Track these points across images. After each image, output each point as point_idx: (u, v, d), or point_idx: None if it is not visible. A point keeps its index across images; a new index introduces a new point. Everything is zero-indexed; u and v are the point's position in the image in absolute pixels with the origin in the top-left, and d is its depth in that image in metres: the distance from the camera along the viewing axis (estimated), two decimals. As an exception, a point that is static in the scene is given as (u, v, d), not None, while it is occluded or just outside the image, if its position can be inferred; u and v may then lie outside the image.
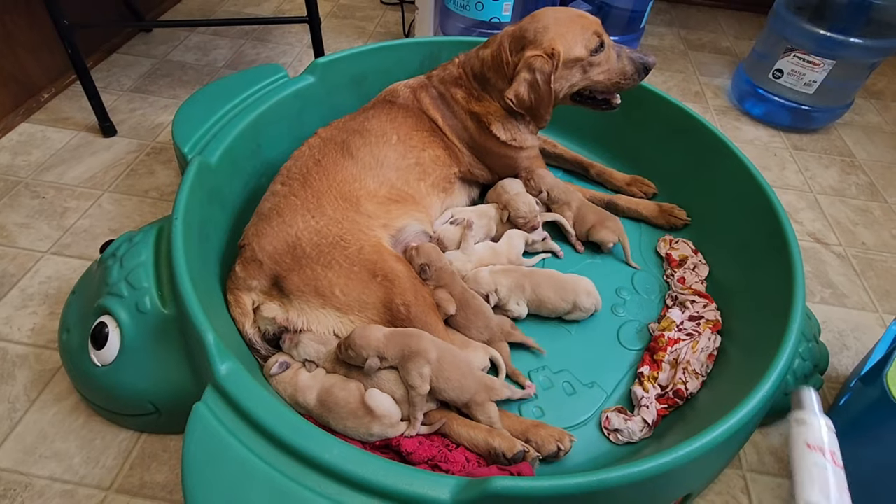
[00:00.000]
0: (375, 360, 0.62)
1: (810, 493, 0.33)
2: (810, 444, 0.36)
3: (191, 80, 1.35)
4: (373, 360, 0.62)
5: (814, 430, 0.37)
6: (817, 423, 0.38)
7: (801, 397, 0.42)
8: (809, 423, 0.38)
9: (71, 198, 1.01)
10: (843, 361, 0.87)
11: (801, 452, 0.36)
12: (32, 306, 0.83)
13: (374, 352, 0.62)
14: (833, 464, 0.35)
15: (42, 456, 0.67)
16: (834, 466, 0.35)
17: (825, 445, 0.36)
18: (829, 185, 1.23)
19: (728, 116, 1.42)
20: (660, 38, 1.74)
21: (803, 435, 0.37)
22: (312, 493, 0.47)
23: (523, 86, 0.78)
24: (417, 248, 0.76)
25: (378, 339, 0.62)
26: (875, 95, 1.56)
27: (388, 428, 0.60)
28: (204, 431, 0.50)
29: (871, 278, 1.01)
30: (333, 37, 1.59)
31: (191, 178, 0.72)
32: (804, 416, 0.39)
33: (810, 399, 0.42)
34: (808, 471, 0.34)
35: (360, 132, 0.82)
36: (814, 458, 0.35)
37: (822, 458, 0.35)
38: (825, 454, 0.35)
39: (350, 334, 0.63)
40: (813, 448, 0.35)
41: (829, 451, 0.35)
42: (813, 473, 0.34)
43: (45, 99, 1.23)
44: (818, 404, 0.41)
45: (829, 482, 0.33)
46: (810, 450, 0.35)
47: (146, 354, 0.64)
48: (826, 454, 0.35)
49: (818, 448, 0.35)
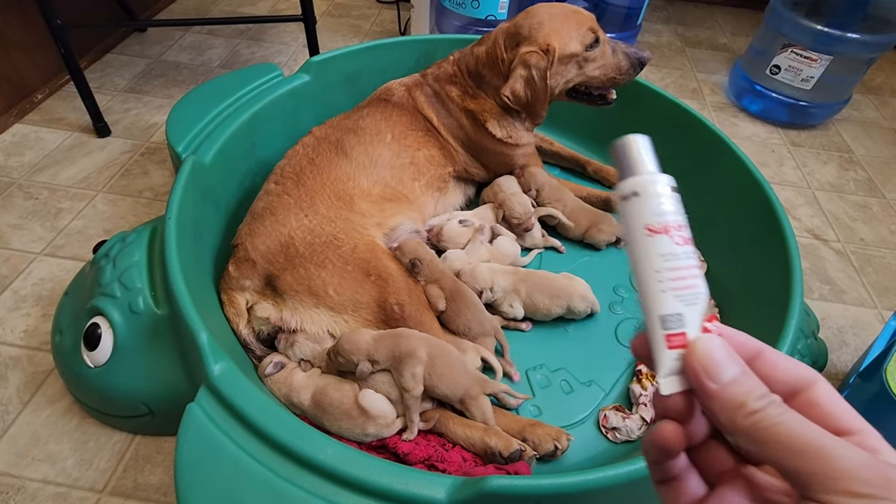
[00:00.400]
0: (367, 365, 0.61)
1: (664, 303, 0.23)
2: (652, 227, 0.24)
3: (185, 79, 1.34)
4: (364, 365, 0.61)
5: (651, 202, 0.24)
6: (654, 190, 0.25)
7: (624, 151, 0.26)
8: (645, 191, 0.25)
9: (65, 199, 1.01)
10: (843, 358, 0.87)
11: (642, 244, 0.24)
12: (25, 308, 0.82)
13: (364, 356, 0.61)
14: (684, 243, 0.24)
15: (35, 458, 0.66)
16: (684, 247, 0.24)
17: (668, 218, 0.24)
18: (827, 181, 1.22)
19: (725, 113, 1.41)
20: (657, 34, 1.73)
21: (639, 214, 0.24)
22: (307, 493, 0.47)
23: (519, 82, 0.78)
24: (400, 247, 0.75)
25: (367, 342, 0.62)
26: (873, 91, 1.55)
27: (383, 428, 0.60)
28: (197, 432, 0.50)
29: (869, 274, 1.01)
30: (329, 35, 1.58)
31: (184, 177, 0.72)
32: (635, 182, 0.25)
33: (637, 151, 0.26)
34: (657, 270, 0.24)
35: (355, 131, 0.81)
36: (659, 248, 0.24)
37: (670, 243, 0.24)
38: (671, 234, 0.24)
39: (338, 341, 0.63)
40: (656, 231, 0.24)
41: (674, 225, 0.24)
42: (664, 273, 0.23)
43: (39, 100, 1.22)
44: (650, 153, 0.26)
45: (684, 278, 0.24)
46: (653, 235, 0.24)
47: (139, 355, 0.64)
48: (672, 233, 0.24)
49: (662, 229, 0.24)
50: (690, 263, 0.24)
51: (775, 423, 0.20)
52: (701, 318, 0.24)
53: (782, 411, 0.20)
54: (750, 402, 0.20)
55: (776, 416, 0.20)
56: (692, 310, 0.23)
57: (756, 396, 0.21)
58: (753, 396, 0.21)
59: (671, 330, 0.23)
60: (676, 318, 0.23)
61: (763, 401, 0.20)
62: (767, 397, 0.21)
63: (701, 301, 0.24)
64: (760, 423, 0.20)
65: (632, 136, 0.26)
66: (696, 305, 0.24)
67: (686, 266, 0.24)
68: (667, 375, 0.23)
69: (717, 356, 0.22)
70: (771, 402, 0.20)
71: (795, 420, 0.20)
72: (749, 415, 0.20)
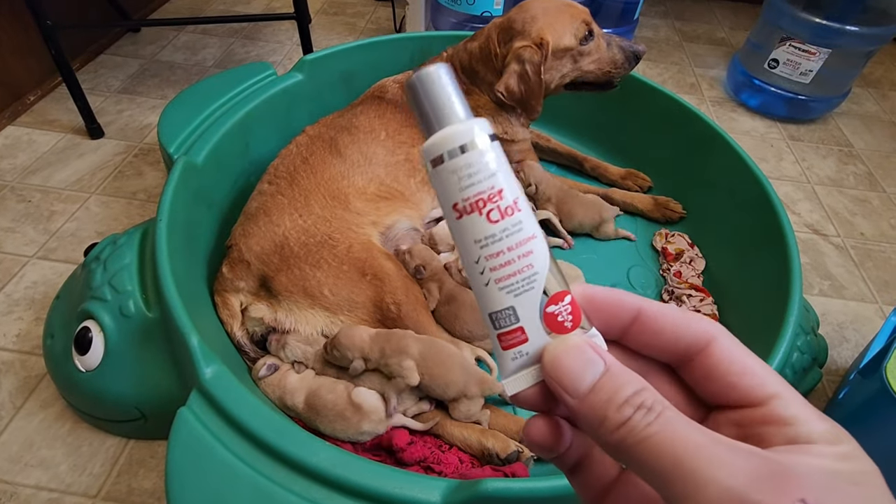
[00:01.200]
0: (360, 363, 0.61)
1: (490, 299, 0.19)
2: (458, 207, 0.19)
3: (179, 80, 1.33)
4: (357, 363, 0.61)
5: (455, 172, 0.18)
6: (462, 149, 0.18)
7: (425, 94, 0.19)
8: (451, 152, 0.18)
9: (57, 201, 1.00)
10: (843, 354, 0.86)
11: (454, 228, 0.19)
12: (18, 312, 0.81)
13: (359, 353, 0.61)
14: (503, 215, 0.18)
15: (28, 464, 0.66)
16: (505, 221, 0.18)
17: (477, 189, 0.18)
18: (826, 175, 1.21)
19: (724, 108, 1.40)
20: (654, 29, 1.72)
21: (445, 190, 0.19)
22: (299, 497, 0.46)
23: (513, 77, 0.77)
24: (410, 250, 0.75)
25: (363, 339, 0.61)
26: (872, 84, 1.54)
27: (377, 424, 0.59)
28: (188, 436, 0.49)
29: (869, 269, 1.00)
30: (324, 34, 1.57)
31: (176, 178, 0.71)
32: (441, 139, 0.19)
33: (443, 92, 0.19)
34: (475, 260, 0.19)
35: (349, 129, 0.80)
36: (472, 232, 0.19)
37: (484, 222, 0.18)
38: (483, 210, 0.18)
39: (336, 334, 0.62)
40: (463, 212, 0.19)
41: (486, 196, 0.18)
42: (483, 263, 0.19)
43: (31, 101, 1.21)
44: (458, 93, 0.20)
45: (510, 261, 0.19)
46: (461, 217, 0.19)
47: (131, 359, 0.63)
48: (486, 208, 0.18)
49: (470, 207, 0.19)
50: (517, 240, 0.19)
51: (642, 437, 0.16)
52: (539, 300, 0.19)
53: (650, 420, 0.16)
54: (611, 414, 0.16)
55: (644, 430, 0.16)
56: (526, 297, 0.19)
57: (618, 404, 0.16)
58: (615, 404, 0.16)
59: (503, 328, 0.19)
60: (507, 313, 0.19)
61: (627, 409, 0.16)
62: (633, 401, 0.16)
63: (539, 279, 0.19)
64: (626, 441, 0.16)
65: (432, 69, 0.19)
66: (531, 290, 0.19)
67: (511, 245, 0.19)
68: (509, 376, 0.20)
69: (566, 364, 0.18)
70: (639, 408, 0.16)
71: (666, 431, 0.16)
72: (614, 430, 0.16)
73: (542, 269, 0.19)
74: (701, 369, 0.18)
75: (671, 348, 0.19)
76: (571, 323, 0.19)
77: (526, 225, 0.19)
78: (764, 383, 0.17)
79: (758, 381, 0.17)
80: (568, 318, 0.19)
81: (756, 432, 0.17)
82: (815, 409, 0.17)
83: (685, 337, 0.19)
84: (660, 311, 0.19)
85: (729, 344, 0.18)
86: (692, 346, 0.18)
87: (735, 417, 0.18)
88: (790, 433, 0.16)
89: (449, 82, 0.19)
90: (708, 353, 0.18)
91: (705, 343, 0.18)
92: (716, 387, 0.18)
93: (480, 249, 0.19)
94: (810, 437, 0.16)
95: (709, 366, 0.18)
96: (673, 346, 0.19)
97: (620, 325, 0.20)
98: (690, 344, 0.18)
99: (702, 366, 0.18)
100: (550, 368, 0.18)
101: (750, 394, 0.17)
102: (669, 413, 0.16)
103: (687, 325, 0.19)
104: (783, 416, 0.17)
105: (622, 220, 0.96)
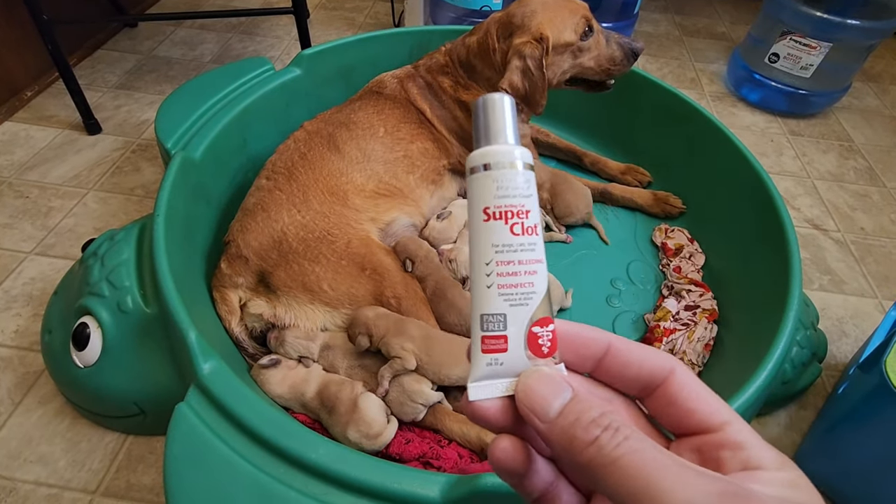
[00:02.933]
0: (365, 339, 0.63)
1: (487, 301, 0.20)
2: (489, 211, 0.20)
3: (177, 75, 1.32)
4: (363, 339, 0.62)
5: (496, 181, 0.20)
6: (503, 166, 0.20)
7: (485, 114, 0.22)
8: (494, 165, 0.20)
9: (55, 197, 1.00)
10: (843, 349, 0.86)
11: (476, 229, 0.21)
12: (16, 308, 0.81)
13: (364, 329, 0.62)
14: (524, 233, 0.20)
15: (27, 460, 0.66)
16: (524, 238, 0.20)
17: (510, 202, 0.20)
18: (827, 170, 1.21)
19: (724, 103, 1.40)
20: (654, 24, 1.71)
21: (481, 193, 0.21)
22: (298, 493, 0.46)
23: (516, 74, 0.76)
24: (395, 245, 0.75)
25: (367, 316, 0.63)
26: (873, 78, 1.53)
27: (362, 438, 0.58)
28: (187, 432, 0.49)
29: (870, 264, 1.00)
30: (322, 28, 1.56)
31: (173, 173, 0.71)
32: (486, 153, 0.21)
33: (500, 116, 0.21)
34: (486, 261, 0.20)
35: (347, 125, 0.80)
36: (493, 237, 0.20)
37: (506, 232, 0.20)
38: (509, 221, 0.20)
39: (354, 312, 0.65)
40: (492, 216, 0.20)
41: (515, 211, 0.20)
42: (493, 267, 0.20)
43: (28, 97, 1.20)
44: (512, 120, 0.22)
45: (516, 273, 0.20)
46: (488, 220, 0.21)
47: (129, 355, 0.63)
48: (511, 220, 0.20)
49: (499, 214, 0.20)
50: (528, 258, 0.21)
51: (613, 458, 0.17)
52: (529, 318, 0.20)
53: (618, 440, 0.17)
54: (579, 434, 0.17)
55: (613, 450, 0.17)
56: (519, 311, 0.20)
57: (584, 424, 0.18)
58: (582, 425, 0.18)
59: (490, 332, 0.20)
60: (498, 319, 0.20)
61: (594, 429, 0.17)
62: (600, 422, 0.17)
63: (535, 299, 0.21)
64: (596, 460, 0.17)
65: (497, 95, 0.22)
66: (525, 306, 0.20)
67: (522, 260, 0.20)
68: (477, 380, 0.20)
69: (539, 389, 0.19)
70: (606, 429, 0.17)
71: (636, 453, 0.16)
72: (583, 449, 0.17)
73: (541, 291, 0.21)
74: (663, 398, 0.20)
75: (636, 380, 0.21)
76: (548, 349, 0.21)
77: (538, 249, 0.21)
78: (718, 410, 0.19)
79: (713, 408, 0.19)
80: (547, 344, 0.21)
81: (714, 456, 0.19)
82: (759, 436, 0.19)
83: (648, 369, 0.21)
84: (626, 347, 0.21)
85: (686, 375, 0.20)
86: (655, 376, 0.21)
87: (694, 443, 0.20)
88: (742, 457, 0.18)
89: (509, 111, 0.22)
90: (668, 382, 0.20)
91: (666, 373, 0.20)
92: (675, 414, 0.20)
93: (496, 254, 0.21)
94: (760, 462, 0.18)
95: (670, 394, 0.20)
96: (637, 377, 0.21)
97: (593, 358, 0.22)
98: (653, 374, 0.21)
99: (663, 395, 0.20)
100: (523, 395, 0.20)
101: (706, 420, 0.19)
102: (638, 436, 0.17)
103: (650, 358, 0.21)
104: (736, 440, 0.19)
105: (623, 215, 0.95)
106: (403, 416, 0.61)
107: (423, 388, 0.60)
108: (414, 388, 0.60)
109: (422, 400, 0.60)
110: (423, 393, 0.60)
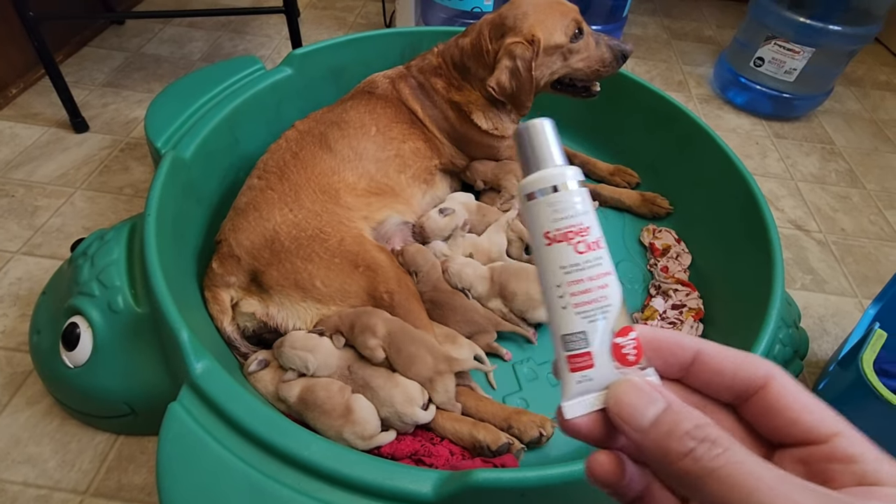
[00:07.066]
0: (340, 339, 0.65)
1: (565, 322, 0.21)
2: (550, 235, 0.21)
3: (166, 73, 1.31)
4: (337, 339, 0.65)
5: (550, 205, 0.21)
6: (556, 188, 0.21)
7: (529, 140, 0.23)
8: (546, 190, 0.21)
9: (42, 196, 0.98)
10: (824, 347, 0.88)
11: (542, 254, 0.21)
12: (3, 308, 0.80)
13: (334, 329, 0.65)
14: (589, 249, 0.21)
15: (15, 461, 0.65)
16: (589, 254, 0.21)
17: (569, 223, 0.21)
18: (809, 172, 1.24)
19: (711, 105, 1.42)
20: (643, 27, 1.74)
21: (538, 219, 0.21)
22: (291, 490, 0.47)
23: (505, 73, 0.77)
24: (402, 253, 0.75)
25: (334, 319, 0.66)
26: (854, 83, 1.57)
27: (357, 439, 0.58)
28: (179, 431, 0.49)
29: (850, 264, 1.02)
30: (313, 28, 1.56)
31: (164, 173, 0.70)
32: (537, 179, 0.22)
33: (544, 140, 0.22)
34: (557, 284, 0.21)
35: (339, 124, 0.80)
36: (559, 259, 0.21)
37: (571, 252, 0.21)
38: (573, 241, 0.21)
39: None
40: (554, 240, 0.21)
41: (576, 230, 0.21)
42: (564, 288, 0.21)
43: (13, 94, 1.19)
44: (556, 141, 0.23)
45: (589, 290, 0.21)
46: (551, 244, 0.21)
47: (120, 355, 0.63)
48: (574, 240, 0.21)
49: (561, 236, 0.21)
50: (597, 272, 0.21)
51: (711, 469, 0.16)
52: (610, 330, 0.21)
53: (717, 452, 0.16)
54: (673, 445, 0.17)
55: (711, 461, 0.16)
56: (598, 325, 0.21)
57: (678, 436, 0.17)
58: (676, 436, 0.17)
59: (573, 350, 0.21)
60: (579, 337, 0.21)
61: (688, 441, 0.17)
62: (695, 434, 0.17)
63: (612, 311, 0.21)
64: (693, 471, 0.16)
65: (538, 121, 0.23)
66: (603, 319, 0.21)
67: (592, 276, 0.21)
68: (571, 398, 0.21)
69: (629, 400, 0.19)
70: (702, 441, 0.17)
71: (735, 465, 0.16)
72: (677, 461, 0.17)
73: (616, 303, 0.21)
74: (760, 407, 0.19)
75: (730, 387, 0.20)
76: (634, 357, 0.21)
77: (605, 261, 0.22)
78: (824, 420, 0.18)
79: (818, 418, 0.18)
80: (632, 352, 0.21)
81: (822, 469, 0.17)
82: (878, 447, 0.17)
83: (744, 376, 0.19)
84: (718, 352, 0.20)
85: (787, 382, 0.19)
86: (751, 384, 0.19)
87: (799, 455, 0.18)
88: (857, 471, 0.17)
89: (551, 133, 0.23)
90: (766, 390, 0.19)
91: (764, 381, 0.19)
92: (776, 423, 0.19)
93: (565, 275, 0.21)
94: (878, 477, 0.16)
95: (768, 403, 0.19)
96: (732, 384, 0.20)
97: (680, 365, 0.21)
98: (749, 382, 0.19)
99: (761, 403, 0.19)
100: (614, 405, 0.19)
101: (812, 431, 0.18)
102: (737, 447, 0.16)
103: (745, 364, 0.19)
104: (848, 453, 0.17)
105: (611, 216, 0.97)
106: (395, 429, 0.62)
107: (414, 410, 0.61)
108: (406, 411, 0.61)
109: (412, 421, 0.61)
110: (415, 414, 0.61)
